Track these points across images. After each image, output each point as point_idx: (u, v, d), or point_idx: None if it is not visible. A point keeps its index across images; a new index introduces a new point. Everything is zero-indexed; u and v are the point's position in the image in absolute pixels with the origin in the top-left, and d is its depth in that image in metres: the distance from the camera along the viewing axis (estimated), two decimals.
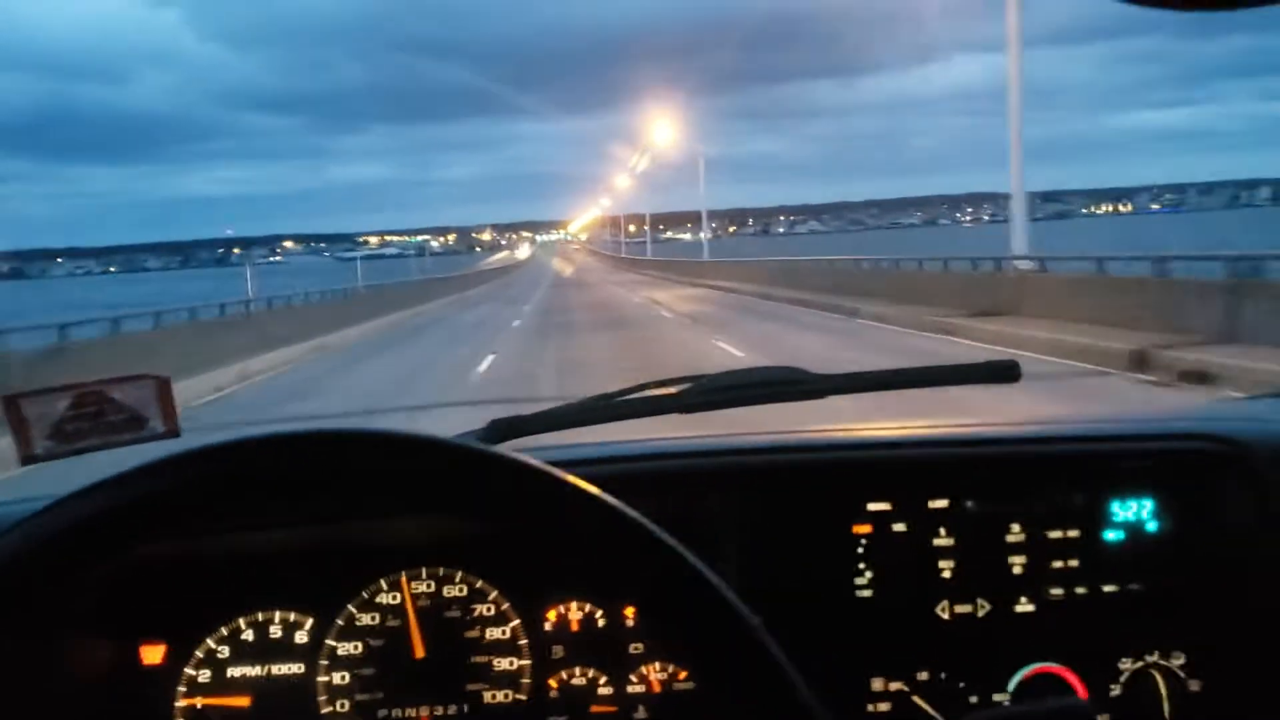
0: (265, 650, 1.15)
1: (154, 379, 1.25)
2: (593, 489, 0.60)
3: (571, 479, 0.60)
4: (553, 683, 1.15)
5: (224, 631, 1.16)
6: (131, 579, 1.13)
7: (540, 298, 35.68)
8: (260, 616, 1.16)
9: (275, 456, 0.60)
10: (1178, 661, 1.14)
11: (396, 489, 0.60)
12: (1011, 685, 1.13)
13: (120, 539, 0.58)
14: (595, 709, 1.14)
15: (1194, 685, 1.13)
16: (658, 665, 1.15)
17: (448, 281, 50.55)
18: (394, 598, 1.16)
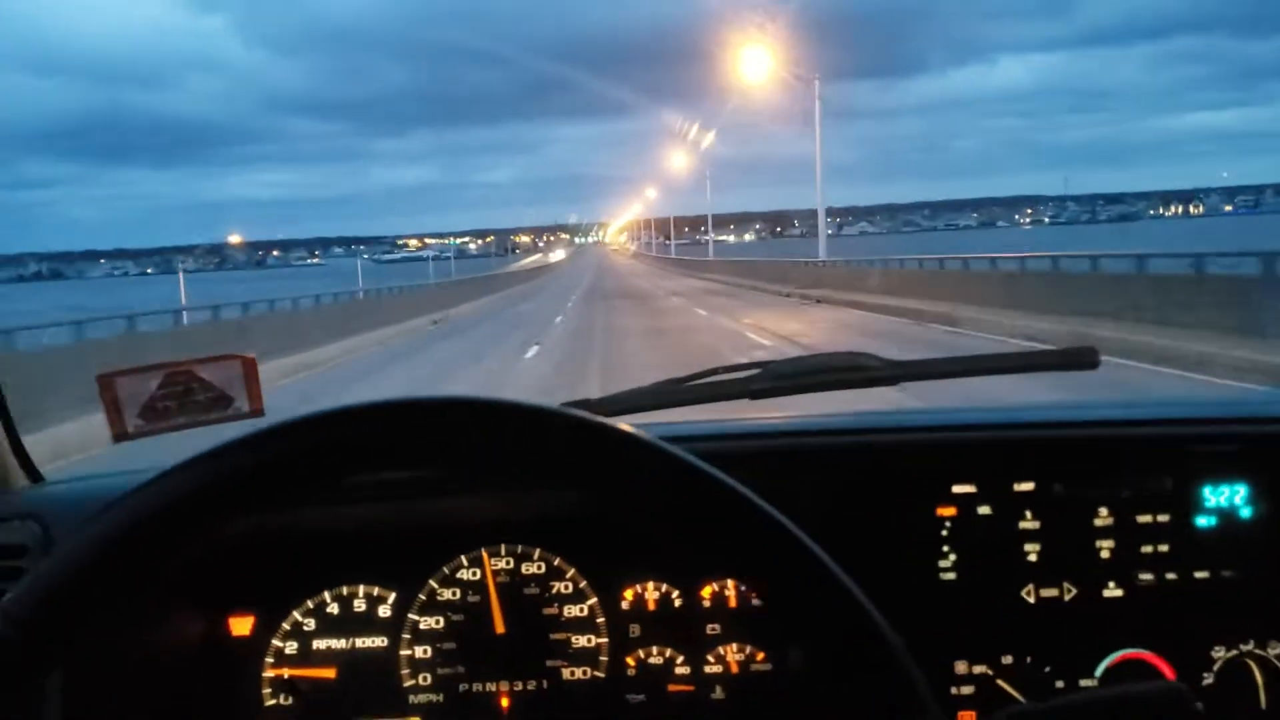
0: (350, 623, 1.20)
1: (240, 359, 1.31)
2: (707, 466, 0.60)
3: (683, 454, 0.60)
4: (630, 661, 1.19)
5: (310, 604, 1.21)
6: (222, 552, 1.19)
7: (562, 328, 20.96)
8: (345, 590, 1.21)
9: (381, 425, 0.60)
10: (1275, 651, 1.14)
11: (505, 459, 0.60)
12: (1099, 671, 1.14)
13: (224, 511, 0.59)
14: (672, 688, 1.18)
15: None
16: (735, 646, 1.18)
17: (469, 284, 39.98)
18: (475, 574, 1.21)
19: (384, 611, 1.21)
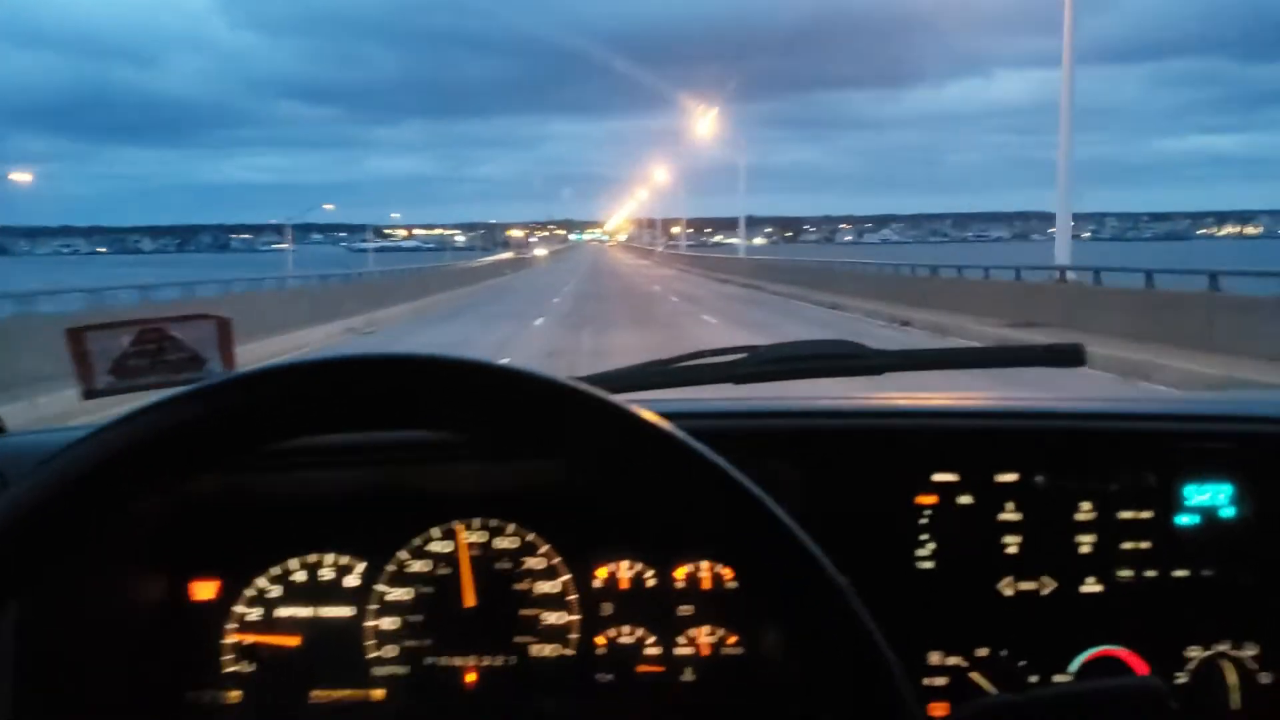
0: (315, 592, 1.29)
1: (215, 319, 1.41)
2: (691, 440, 0.63)
3: (661, 422, 0.63)
4: (600, 640, 1.27)
5: (275, 571, 1.30)
6: (186, 514, 1.28)
7: None
8: (312, 558, 1.30)
9: (340, 378, 0.61)
10: (1250, 652, 1.23)
11: (478, 422, 0.62)
12: (1074, 666, 1.23)
13: (174, 464, 0.60)
14: (642, 668, 1.26)
15: (1265, 677, 1.22)
16: (707, 628, 1.27)
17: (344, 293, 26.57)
18: (446, 546, 1.30)
19: (351, 581, 1.30)
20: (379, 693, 1.27)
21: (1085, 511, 1.25)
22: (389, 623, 1.28)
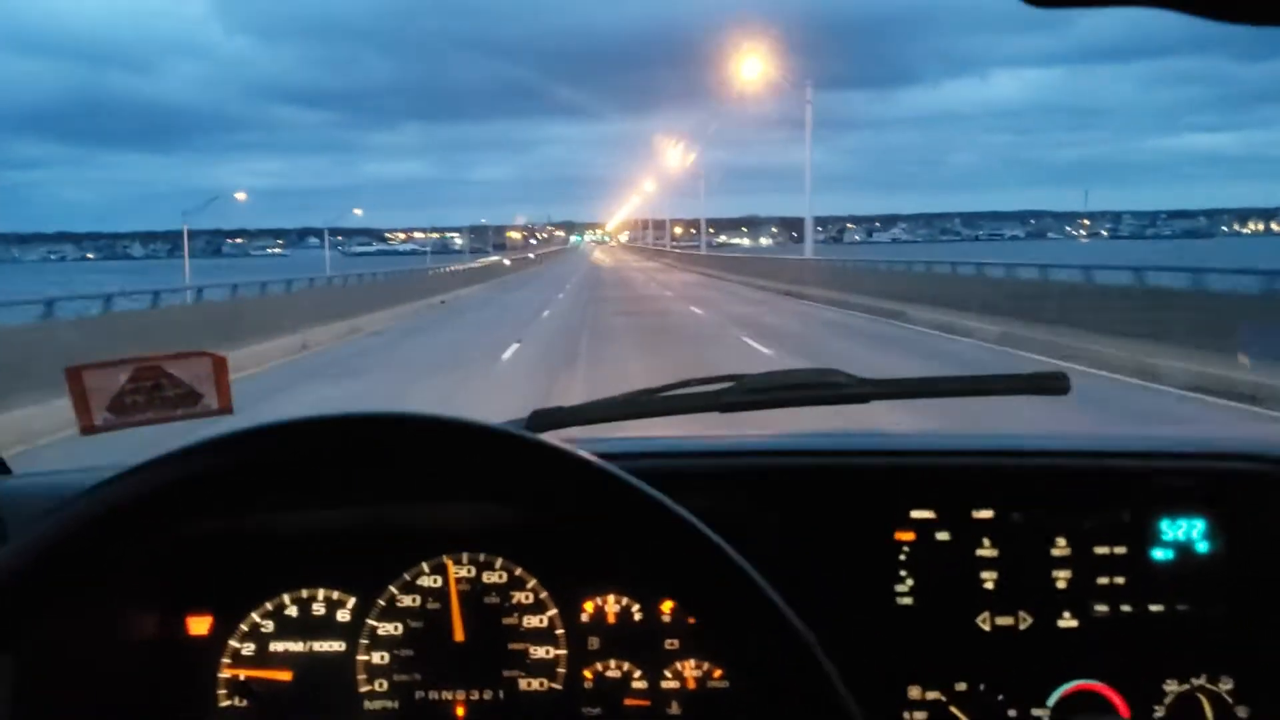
0: (308, 627, 1.35)
1: (210, 356, 1.47)
2: (638, 482, 0.66)
3: (616, 471, 0.67)
4: (588, 674, 1.33)
5: (269, 606, 1.36)
6: (181, 552, 1.34)
7: None
8: (304, 593, 1.36)
9: (326, 438, 0.69)
10: (1225, 686, 1.28)
11: (443, 474, 0.68)
12: (1051, 701, 1.28)
13: (178, 514, 0.66)
14: (629, 702, 1.32)
15: (1242, 712, 1.27)
16: (693, 662, 1.33)
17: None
18: (435, 580, 1.35)
19: (343, 616, 1.36)
20: None
21: (1061, 547, 1.30)
22: (380, 657, 1.34)
